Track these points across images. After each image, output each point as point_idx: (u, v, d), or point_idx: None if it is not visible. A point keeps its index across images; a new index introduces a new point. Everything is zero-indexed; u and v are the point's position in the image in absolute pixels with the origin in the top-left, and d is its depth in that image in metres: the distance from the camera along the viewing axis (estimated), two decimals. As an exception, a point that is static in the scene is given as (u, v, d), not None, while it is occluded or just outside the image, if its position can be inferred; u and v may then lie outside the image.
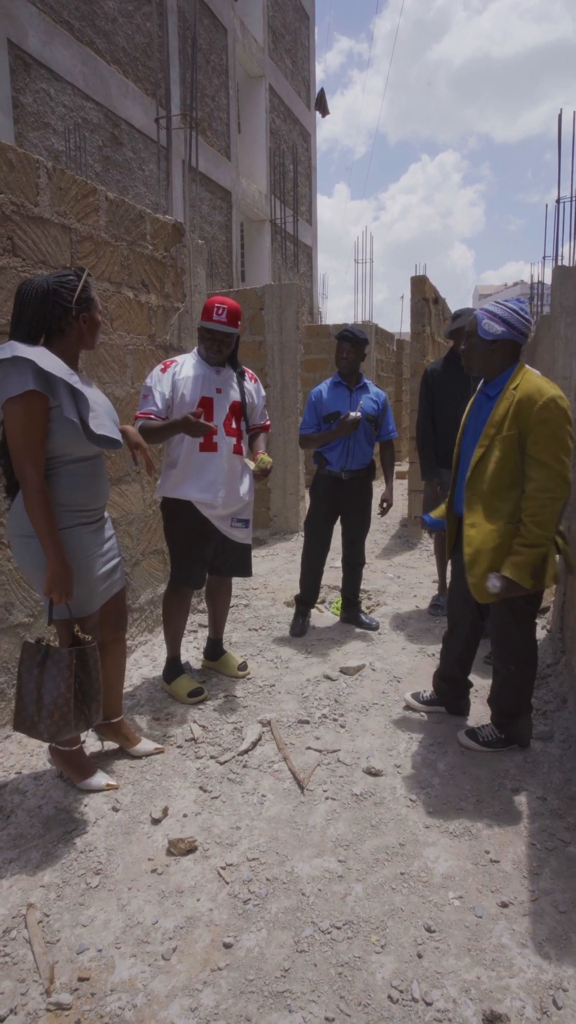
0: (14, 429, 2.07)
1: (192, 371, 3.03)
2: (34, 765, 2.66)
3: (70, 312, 2.17)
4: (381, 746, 2.79)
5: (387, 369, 11.19)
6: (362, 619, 4.18)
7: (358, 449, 3.91)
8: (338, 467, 3.91)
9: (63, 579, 2.15)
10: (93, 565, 2.32)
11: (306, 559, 4.09)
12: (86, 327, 2.25)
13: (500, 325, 2.39)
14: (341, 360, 3.86)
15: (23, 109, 8.52)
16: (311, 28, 19.94)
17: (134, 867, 2.13)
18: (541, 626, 4.02)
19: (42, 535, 2.11)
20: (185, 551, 3.14)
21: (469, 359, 2.53)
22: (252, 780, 2.57)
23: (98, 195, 3.31)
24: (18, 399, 2.04)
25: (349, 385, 3.92)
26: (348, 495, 3.98)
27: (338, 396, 3.90)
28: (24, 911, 1.95)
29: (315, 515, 4.04)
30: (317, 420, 3.92)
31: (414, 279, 6.23)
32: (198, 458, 3.03)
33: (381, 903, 1.97)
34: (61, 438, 2.15)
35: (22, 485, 2.10)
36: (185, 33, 11.89)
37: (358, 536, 4.13)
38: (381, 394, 4.04)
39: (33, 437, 2.08)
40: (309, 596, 4.15)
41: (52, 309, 2.14)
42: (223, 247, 14.32)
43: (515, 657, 2.60)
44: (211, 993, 1.70)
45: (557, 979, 1.71)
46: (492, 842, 2.22)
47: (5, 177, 2.74)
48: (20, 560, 2.26)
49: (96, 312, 2.27)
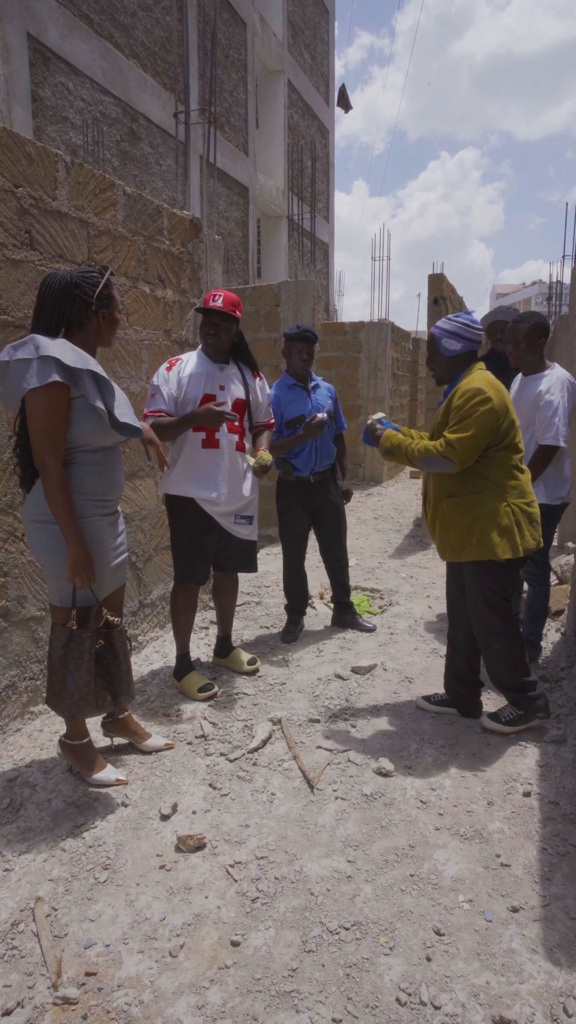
0: (36, 418, 2.11)
1: (195, 368, 3.04)
2: (44, 759, 2.67)
3: (90, 307, 2.22)
4: (392, 747, 2.78)
5: (402, 368, 11.13)
6: (359, 622, 4.08)
7: (324, 449, 3.83)
8: (307, 471, 3.80)
9: (86, 564, 2.20)
10: (108, 555, 2.36)
11: (287, 567, 4.01)
12: (104, 324, 2.29)
13: (458, 342, 2.67)
14: (300, 362, 3.72)
15: (42, 103, 8.54)
16: (331, 23, 19.85)
17: (143, 863, 2.13)
18: (555, 629, 3.98)
19: (63, 522, 2.15)
20: (188, 547, 3.15)
21: (434, 370, 2.81)
22: (262, 778, 2.57)
23: (116, 189, 3.30)
24: (41, 390, 2.08)
25: (305, 385, 3.80)
26: (319, 497, 3.89)
27: (297, 398, 3.76)
28: (32, 904, 1.95)
29: (288, 522, 3.94)
30: (279, 425, 3.73)
31: (431, 277, 6.19)
32: (200, 455, 3.03)
33: (390, 904, 1.96)
34: (82, 428, 2.19)
35: (42, 474, 2.15)
36: (204, 28, 11.87)
37: (337, 539, 4.02)
38: (331, 388, 3.98)
39: (54, 427, 2.13)
40: (299, 603, 4.08)
41: (72, 302, 2.19)
42: (240, 243, 14.30)
43: (496, 636, 2.75)
44: (218, 991, 1.69)
45: (568, 986, 1.69)
46: (503, 846, 2.20)
47: (24, 171, 2.74)
48: (34, 546, 2.30)
49: (116, 310, 2.32)
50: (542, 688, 2.81)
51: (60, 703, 2.28)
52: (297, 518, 3.93)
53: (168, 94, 10.89)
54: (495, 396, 2.56)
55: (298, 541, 3.98)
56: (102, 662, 2.31)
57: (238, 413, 3.10)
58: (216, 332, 3.03)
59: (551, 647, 3.73)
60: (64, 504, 2.14)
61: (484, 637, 2.79)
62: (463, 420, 2.55)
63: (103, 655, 2.31)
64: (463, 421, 2.55)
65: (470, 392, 2.57)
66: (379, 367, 9.46)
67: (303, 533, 3.98)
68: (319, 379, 3.94)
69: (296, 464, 3.81)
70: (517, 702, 2.82)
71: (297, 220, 14.76)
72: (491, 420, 2.54)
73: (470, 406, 2.55)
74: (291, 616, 4.09)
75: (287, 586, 4.07)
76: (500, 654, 2.77)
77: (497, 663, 2.79)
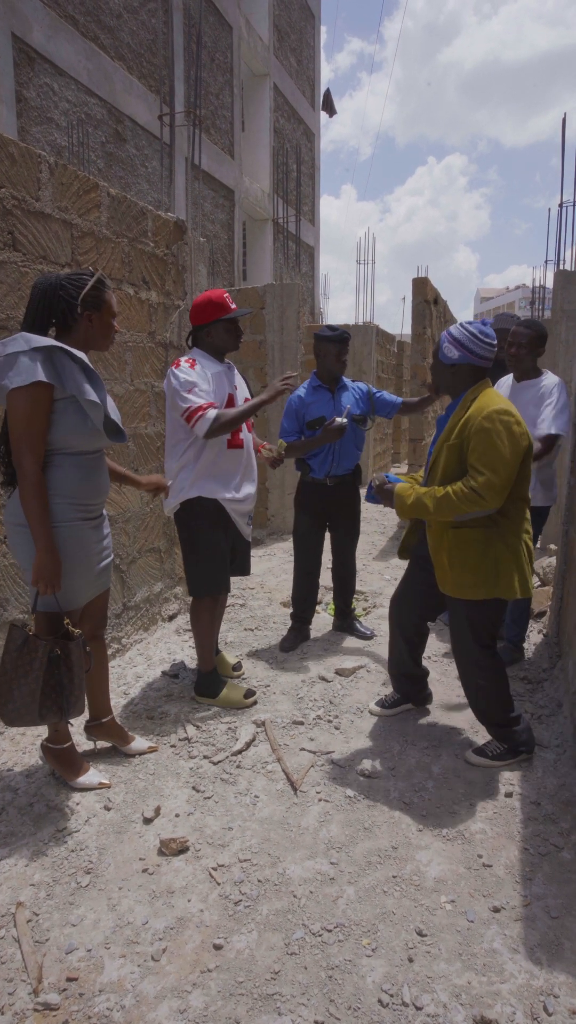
0: (16, 418, 2.09)
1: (213, 367, 2.93)
2: (26, 763, 2.65)
3: (75, 308, 2.20)
4: (375, 748, 2.79)
5: (387, 371, 11.18)
6: (357, 628, 4.04)
7: (344, 453, 3.70)
8: (322, 473, 3.71)
9: (51, 570, 2.15)
10: (91, 560, 2.33)
11: (298, 571, 3.90)
12: (93, 327, 2.27)
13: (457, 350, 2.44)
14: (337, 364, 3.61)
15: (26, 103, 8.50)
16: (316, 27, 19.93)
17: (125, 867, 2.12)
18: (537, 631, 4.01)
19: (33, 525, 2.11)
20: (215, 554, 3.01)
21: (432, 374, 2.63)
22: (245, 781, 2.56)
23: (100, 191, 3.29)
24: (23, 389, 2.06)
25: (330, 387, 3.70)
26: (335, 502, 3.80)
27: (321, 400, 3.66)
28: (13, 910, 1.94)
29: (302, 525, 3.84)
30: (299, 426, 3.68)
31: (416, 281, 6.23)
32: (226, 456, 2.94)
33: (373, 906, 1.96)
34: (65, 429, 2.16)
35: (19, 475, 2.12)
36: (190, 30, 11.86)
37: (348, 546, 3.95)
38: (362, 386, 3.81)
39: (35, 427, 2.10)
40: (305, 610, 3.93)
41: (56, 303, 2.19)
42: (225, 245, 14.30)
43: (482, 672, 2.59)
44: (200, 995, 1.69)
45: (548, 985, 1.71)
46: (485, 846, 2.21)
47: (7, 171, 2.73)
48: (15, 549, 2.27)
49: (106, 314, 2.29)
50: (527, 722, 2.69)
51: (2, 707, 2.19)
52: (312, 521, 3.83)
53: (154, 96, 10.87)
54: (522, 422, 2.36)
55: (311, 545, 3.86)
56: (54, 672, 2.20)
57: None
58: (240, 334, 3.00)
59: (533, 648, 3.76)
60: (38, 507, 2.10)
61: (469, 673, 2.63)
62: (493, 443, 2.29)
63: (56, 664, 2.20)
64: (493, 444, 2.28)
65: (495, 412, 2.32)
66: (364, 370, 9.50)
67: (317, 537, 3.87)
68: (348, 380, 3.80)
69: (312, 466, 3.73)
70: (502, 737, 2.67)
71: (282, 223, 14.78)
72: (524, 444, 2.34)
73: (500, 429, 2.30)
74: (295, 624, 3.95)
75: (296, 591, 3.92)
76: (484, 690, 2.62)
77: (482, 698, 2.64)
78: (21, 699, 2.17)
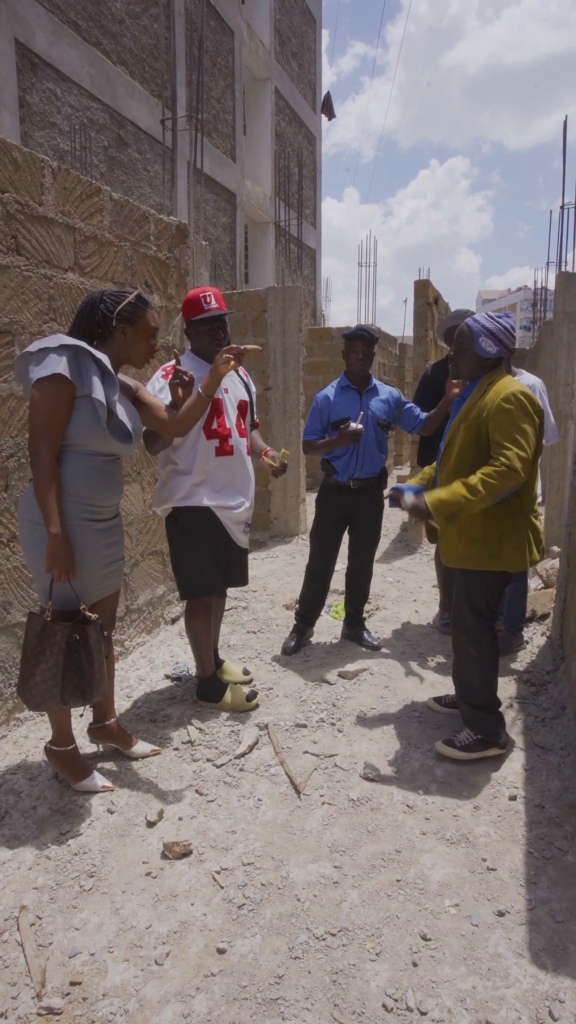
0: (37, 408, 2.17)
1: (200, 371, 2.87)
2: (30, 766, 2.65)
3: (111, 321, 2.33)
4: (379, 751, 2.78)
5: (389, 373, 11.18)
6: (365, 638, 3.92)
7: (367, 457, 3.64)
8: (345, 476, 3.66)
9: (63, 555, 2.19)
10: (92, 561, 2.36)
11: (310, 571, 3.85)
12: (127, 340, 2.38)
13: (496, 345, 2.57)
14: (356, 362, 3.57)
15: (29, 108, 8.53)
16: (318, 31, 19.99)
17: (128, 870, 2.12)
18: (540, 633, 4.00)
19: (44, 509, 2.17)
20: (205, 561, 2.97)
21: (459, 366, 2.69)
22: (248, 784, 2.56)
23: (102, 195, 3.30)
24: (46, 381, 2.15)
25: (359, 388, 3.66)
26: (357, 505, 3.74)
27: (348, 401, 3.63)
28: (17, 913, 1.93)
29: (322, 525, 3.80)
30: (323, 426, 3.66)
31: (417, 283, 6.23)
32: (214, 464, 2.88)
33: (376, 910, 1.96)
34: (80, 426, 2.23)
35: (33, 462, 2.18)
36: (192, 35, 11.91)
37: (366, 550, 3.87)
38: (394, 392, 3.75)
39: (53, 419, 2.18)
40: (311, 611, 3.89)
41: (95, 314, 2.33)
42: (227, 249, 14.33)
43: (474, 642, 2.66)
44: (204, 999, 1.68)
45: (554, 990, 1.70)
46: (489, 850, 2.20)
47: (10, 176, 2.74)
48: (25, 545, 2.32)
49: (141, 330, 2.38)
50: (502, 718, 2.71)
51: (26, 692, 2.27)
52: (331, 522, 3.79)
53: (156, 100, 10.90)
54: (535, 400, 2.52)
55: (327, 546, 3.82)
56: (74, 656, 2.26)
57: (240, 413, 3.00)
58: (222, 336, 2.90)
59: (537, 651, 3.75)
60: (49, 491, 2.16)
61: (462, 642, 2.69)
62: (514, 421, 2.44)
63: (75, 649, 2.26)
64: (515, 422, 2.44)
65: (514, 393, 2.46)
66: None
67: (335, 539, 3.83)
68: (379, 383, 3.76)
69: (336, 467, 3.69)
70: (476, 724, 2.68)
71: (284, 226, 14.81)
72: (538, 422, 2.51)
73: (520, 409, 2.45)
74: (299, 625, 3.90)
75: (305, 591, 3.88)
76: (475, 661, 2.66)
77: (470, 673, 2.68)
78: (44, 683, 2.24)
